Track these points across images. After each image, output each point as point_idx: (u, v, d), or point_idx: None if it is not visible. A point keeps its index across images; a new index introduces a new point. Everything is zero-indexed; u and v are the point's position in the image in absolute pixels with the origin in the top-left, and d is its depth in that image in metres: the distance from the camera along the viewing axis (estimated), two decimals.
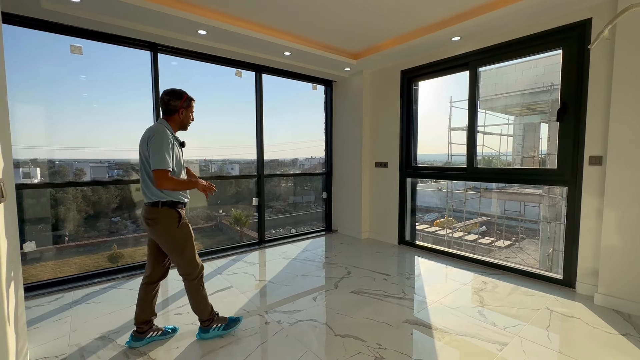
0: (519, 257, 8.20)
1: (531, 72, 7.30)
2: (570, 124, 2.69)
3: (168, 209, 1.85)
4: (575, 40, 2.62)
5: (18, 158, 3.17)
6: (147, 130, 1.85)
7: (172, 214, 1.86)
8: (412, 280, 3.00)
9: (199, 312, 2.02)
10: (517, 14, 2.68)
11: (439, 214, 11.41)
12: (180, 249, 1.90)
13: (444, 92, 9.31)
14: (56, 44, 2.89)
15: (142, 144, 1.82)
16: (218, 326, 2.04)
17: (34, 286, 2.75)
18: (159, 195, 1.82)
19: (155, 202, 1.83)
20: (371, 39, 3.49)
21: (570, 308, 2.42)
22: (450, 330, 2.13)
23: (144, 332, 1.96)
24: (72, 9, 2.51)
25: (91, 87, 3.37)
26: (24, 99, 3.00)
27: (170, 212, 1.85)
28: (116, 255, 4.01)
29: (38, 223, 3.24)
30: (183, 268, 1.94)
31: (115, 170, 4.02)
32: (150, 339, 1.99)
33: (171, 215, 1.85)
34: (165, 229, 1.85)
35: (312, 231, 4.89)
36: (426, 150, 8.34)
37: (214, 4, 2.71)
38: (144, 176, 1.84)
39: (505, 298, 2.60)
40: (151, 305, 2.00)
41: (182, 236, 1.90)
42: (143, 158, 1.82)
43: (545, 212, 7.19)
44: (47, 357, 1.83)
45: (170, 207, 1.85)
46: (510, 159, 8.54)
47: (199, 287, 2.00)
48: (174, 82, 3.49)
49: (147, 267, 2.00)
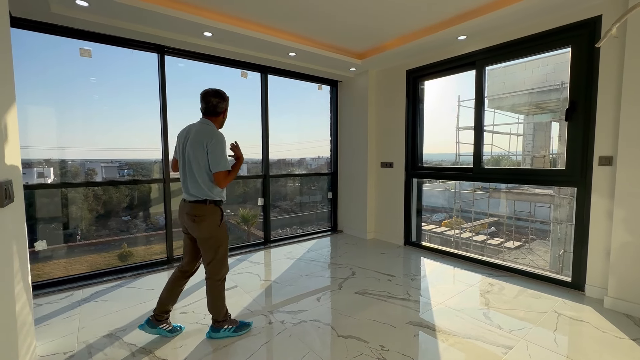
0: (528, 259, 8.06)
1: (541, 70, 7.17)
2: (580, 123, 2.64)
3: (214, 206, 1.96)
4: (584, 38, 2.56)
5: (32, 158, 3.27)
6: (199, 133, 1.91)
7: (217, 211, 1.97)
8: (417, 282, 2.98)
9: (215, 312, 2.06)
10: (524, 11, 2.63)
11: (447, 214, 11.30)
12: (215, 247, 1.99)
13: (452, 90, 9.20)
14: (66, 47, 2.95)
15: (195, 145, 1.89)
16: (229, 327, 2.07)
17: (45, 284, 2.82)
18: (208, 194, 1.93)
19: (203, 200, 1.93)
20: (376, 38, 3.48)
21: (578, 311, 2.37)
22: (455, 332, 2.11)
23: (161, 320, 2.05)
24: (81, 13, 2.56)
25: (101, 88, 3.44)
26: (36, 100, 3.08)
27: (216, 209, 1.97)
28: (126, 254, 4.08)
29: (51, 222, 3.33)
30: (212, 266, 2.01)
31: (126, 170, 4.10)
32: (161, 331, 2.04)
33: (216, 213, 1.97)
34: (209, 226, 1.95)
35: (318, 231, 4.90)
36: (434, 150, 8.27)
37: (219, 6, 2.73)
38: (193, 175, 1.92)
39: (512, 300, 2.56)
40: (176, 295, 2.11)
41: (221, 235, 2.00)
42: (193, 158, 1.90)
43: (556, 212, 7.05)
44: (56, 354, 1.88)
45: (215, 205, 1.97)
46: (520, 159, 8.39)
47: (221, 288, 2.06)
48: (180, 83, 3.54)
49: (184, 260, 2.12)
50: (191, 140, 1.92)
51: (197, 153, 1.89)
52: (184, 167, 1.96)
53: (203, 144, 1.88)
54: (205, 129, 1.94)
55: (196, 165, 1.90)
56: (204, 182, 1.91)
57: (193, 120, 2.07)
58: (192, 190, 1.93)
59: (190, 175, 1.93)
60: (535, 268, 6.49)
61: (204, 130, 1.93)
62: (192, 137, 1.92)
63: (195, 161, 1.90)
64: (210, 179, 1.93)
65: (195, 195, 1.93)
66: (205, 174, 1.91)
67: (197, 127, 1.96)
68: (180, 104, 3.50)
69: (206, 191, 1.92)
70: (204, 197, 1.92)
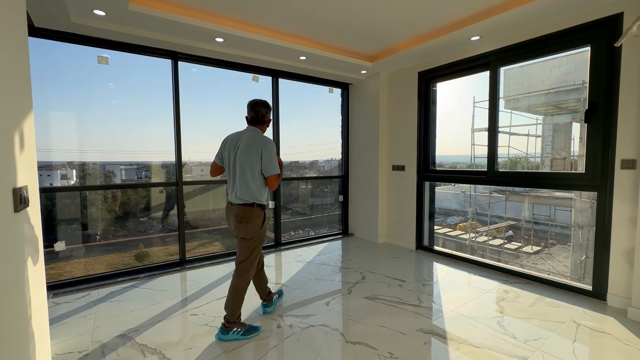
0: (548, 264, 7.78)
1: (560, 69, 6.93)
2: (600, 125, 2.53)
3: (259, 210, 2.11)
4: (604, 36, 2.46)
5: (56, 161, 3.42)
6: (252, 140, 2.07)
7: (261, 214, 2.12)
8: (429, 287, 2.92)
9: (231, 311, 2.10)
10: (540, 10, 2.55)
11: (462, 218, 11.06)
12: (252, 248, 2.12)
13: (468, 91, 9.02)
14: (85, 54, 3.07)
15: (250, 152, 2.04)
16: (238, 330, 2.10)
17: (64, 284, 2.93)
18: (257, 198, 2.08)
19: (251, 203, 2.07)
20: (387, 40, 3.45)
21: (600, 322, 2.26)
22: (467, 341, 2.05)
23: (270, 299, 2.40)
24: (99, 22, 2.65)
25: (119, 94, 3.56)
26: (59, 106, 3.22)
27: (260, 212, 2.12)
28: (142, 254, 4.19)
29: (72, 223, 3.46)
30: (243, 265, 2.12)
31: (144, 172, 4.21)
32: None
33: (260, 216, 2.12)
34: (253, 227, 2.09)
35: (329, 234, 4.88)
36: (448, 152, 8.12)
37: (230, 12, 2.77)
38: (245, 180, 2.05)
39: (528, 309, 2.47)
40: (264, 282, 2.41)
41: (260, 237, 2.15)
42: (246, 164, 2.04)
43: (577, 216, 6.78)
44: (71, 353, 1.94)
45: (261, 209, 2.12)
46: (538, 161, 8.13)
47: (245, 288, 2.17)
48: (193, 88, 3.61)
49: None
50: (244, 147, 2.06)
51: (251, 159, 2.03)
52: (234, 173, 2.09)
53: (258, 150, 2.03)
54: (258, 136, 2.10)
55: (249, 171, 2.04)
56: (256, 186, 2.06)
57: (205, 124, 2.15)
58: (242, 194, 2.06)
59: (242, 180, 2.06)
60: (555, 275, 6.26)
61: (257, 137, 2.09)
62: (244, 144, 2.06)
63: (249, 166, 2.04)
64: (263, 182, 2.09)
65: (244, 199, 2.06)
66: (258, 178, 2.06)
67: (248, 135, 2.10)
68: (193, 108, 3.58)
69: (256, 194, 2.06)
70: (252, 200, 2.06)
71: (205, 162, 4.66)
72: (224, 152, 2.18)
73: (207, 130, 4.26)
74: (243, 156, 2.05)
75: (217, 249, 4.62)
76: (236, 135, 2.16)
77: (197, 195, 4.50)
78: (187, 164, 4.44)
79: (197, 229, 4.60)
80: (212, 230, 4.85)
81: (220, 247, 4.66)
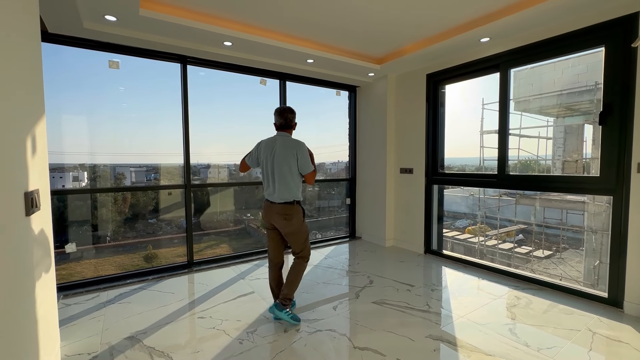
0: (560, 269, 7.61)
1: (572, 70, 6.80)
2: (616, 127, 2.46)
3: (298, 206, 2.34)
4: (619, 37, 2.40)
5: (68, 163, 3.49)
6: (287, 144, 2.29)
7: (300, 209, 2.36)
8: (438, 292, 2.88)
9: (289, 290, 2.35)
10: (552, 11, 2.50)
11: (471, 221, 10.90)
12: (304, 237, 2.40)
13: (476, 93, 8.91)
14: (96, 59, 3.12)
15: (286, 155, 2.26)
16: (288, 312, 2.31)
17: (74, 285, 2.96)
18: (296, 196, 2.31)
19: (291, 201, 2.29)
20: (395, 43, 3.43)
21: (616, 330, 2.19)
22: (477, 348, 2.01)
23: (285, 305, 2.35)
24: (110, 27, 2.70)
25: (129, 97, 3.61)
26: (71, 109, 3.29)
27: (299, 208, 2.36)
28: (151, 256, 4.23)
29: (83, 224, 3.51)
30: (304, 252, 2.42)
31: (153, 174, 4.26)
32: (288, 314, 2.30)
33: (300, 211, 2.36)
34: (297, 222, 2.33)
35: (336, 237, 4.86)
36: (457, 154, 8.02)
37: (238, 16, 2.79)
38: (284, 180, 2.27)
39: (541, 316, 2.41)
40: (282, 283, 2.49)
41: (305, 228, 2.43)
42: (285, 166, 2.26)
43: (590, 220, 6.62)
44: (81, 354, 1.95)
45: (299, 205, 2.35)
46: (549, 163, 7.97)
47: (304, 270, 2.45)
48: (202, 91, 3.65)
49: (273, 254, 2.48)
50: (280, 151, 2.27)
51: (289, 161, 2.26)
52: (272, 175, 2.29)
53: (293, 153, 2.27)
54: (291, 140, 2.34)
55: (288, 172, 2.26)
56: (295, 185, 2.30)
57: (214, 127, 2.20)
58: (282, 194, 2.28)
59: (281, 181, 2.27)
60: (567, 280, 6.11)
61: (290, 141, 2.32)
62: (280, 149, 2.28)
63: (288, 168, 2.26)
64: (300, 181, 2.34)
65: (286, 198, 2.28)
66: (296, 178, 2.30)
67: (282, 140, 2.32)
68: (201, 110, 3.61)
69: (295, 193, 2.30)
70: (292, 198, 2.29)
71: (214, 165, 4.70)
72: (259, 155, 2.37)
73: (216, 133, 4.29)
74: (281, 160, 2.26)
75: (225, 251, 4.64)
76: (270, 141, 2.35)
77: (204, 197, 4.53)
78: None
79: (210, 230, 4.63)
80: (220, 233, 4.87)
81: (227, 250, 4.68)
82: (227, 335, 2.16)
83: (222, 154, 4.60)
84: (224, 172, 4.87)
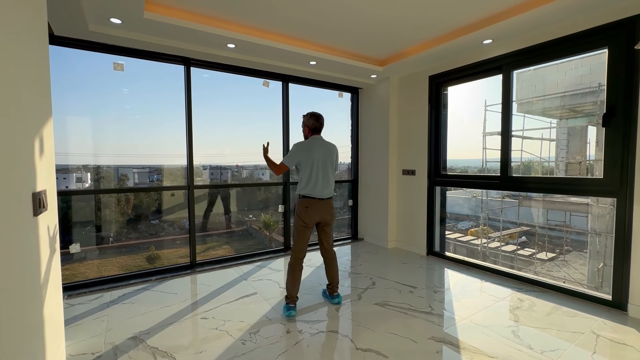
0: (564, 271, 7.56)
1: (575, 72, 6.78)
2: (619, 129, 2.46)
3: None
4: (622, 38, 2.40)
5: (72, 164, 3.51)
6: (329, 147, 2.62)
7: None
8: (440, 294, 2.87)
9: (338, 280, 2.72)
10: (555, 13, 2.51)
11: (474, 223, 10.86)
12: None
13: (479, 94, 8.88)
14: (101, 61, 3.16)
15: (331, 157, 2.61)
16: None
17: (78, 285, 2.98)
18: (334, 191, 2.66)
19: (331, 196, 2.62)
20: (398, 45, 3.44)
21: (620, 333, 2.18)
22: (480, 350, 2.00)
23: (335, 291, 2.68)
24: (115, 30, 2.72)
25: (133, 99, 3.64)
26: (76, 111, 3.32)
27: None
28: (153, 256, 4.25)
29: (86, 225, 3.54)
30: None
31: (155, 175, 4.29)
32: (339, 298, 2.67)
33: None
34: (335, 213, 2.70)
35: (338, 239, 4.86)
36: (460, 156, 8.00)
37: (242, 19, 2.81)
38: (329, 179, 2.58)
39: (544, 318, 2.40)
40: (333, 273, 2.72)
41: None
42: (330, 166, 2.59)
43: (594, 223, 6.58)
44: (85, 354, 1.97)
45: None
46: (552, 165, 7.94)
47: None
48: (206, 93, 3.67)
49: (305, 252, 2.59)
50: (325, 153, 2.56)
51: (334, 161, 2.63)
52: (318, 174, 2.52)
53: (335, 154, 2.65)
54: (330, 143, 2.65)
55: (331, 171, 2.61)
56: (333, 182, 2.63)
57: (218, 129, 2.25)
58: (329, 190, 2.59)
59: (327, 180, 2.56)
60: (570, 282, 6.07)
61: (329, 143, 2.65)
62: (324, 150, 2.56)
63: (332, 168, 2.61)
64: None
65: (330, 194, 2.60)
66: (334, 175, 2.65)
67: (321, 143, 2.60)
68: (204, 112, 3.63)
69: (333, 189, 2.64)
70: (333, 194, 2.63)
71: (216, 166, 4.72)
72: (301, 158, 2.52)
73: (218, 134, 4.31)
74: (326, 160, 2.55)
75: (227, 252, 4.64)
76: (310, 143, 2.57)
77: (207, 198, 4.55)
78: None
79: (208, 231, 4.64)
80: (222, 234, 4.88)
81: (229, 251, 4.69)
82: (230, 336, 2.17)
83: (227, 155, 4.63)
84: (227, 173, 4.90)
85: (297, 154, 2.54)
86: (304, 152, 2.53)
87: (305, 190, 2.51)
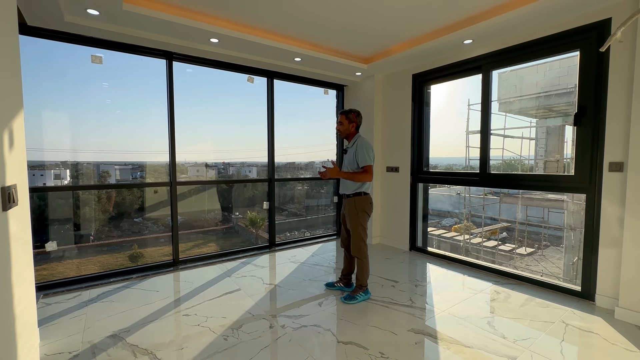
0: (541, 266, 7.85)
1: (553, 72, 7.02)
2: (589, 128, 2.57)
3: None
4: (593, 41, 2.50)
5: (49, 160, 3.39)
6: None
7: None
8: (422, 288, 2.94)
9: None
10: (530, 15, 2.59)
11: (457, 219, 11.12)
12: None
13: (463, 93, 9.08)
14: (79, 54, 3.06)
15: None
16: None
17: (55, 284, 2.90)
18: None
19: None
20: (382, 43, 3.48)
21: (588, 322, 2.30)
22: (457, 340, 2.07)
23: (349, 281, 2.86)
24: (93, 22, 2.65)
25: (113, 93, 3.54)
26: (52, 105, 3.20)
27: None
28: (136, 255, 4.16)
29: (64, 223, 3.43)
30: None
31: (139, 172, 4.19)
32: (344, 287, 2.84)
33: None
34: None
35: (323, 235, 4.89)
36: (445, 154, 8.17)
37: (225, 12, 2.78)
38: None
39: (518, 309, 2.50)
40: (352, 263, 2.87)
41: None
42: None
43: (569, 219, 6.86)
44: (61, 353, 1.92)
45: None
46: (532, 163, 8.21)
47: None
48: (189, 88, 3.61)
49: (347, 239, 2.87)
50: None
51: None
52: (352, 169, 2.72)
53: None
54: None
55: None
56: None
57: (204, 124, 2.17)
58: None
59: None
60: (546, 276, 6.31)
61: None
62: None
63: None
64: None
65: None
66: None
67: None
68: (187, 107, 3.57)
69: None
70: None
71: (202, 163, 4.66)
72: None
73: (201, 131, 4.25)
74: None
75: (213, 249, 4.61)
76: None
77: (191, 195, 4.49)
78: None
79: (193, 229, 4.59)
80: (208, 231, 4.83)
81: (215, 248, 4.65)
82: (212, 332, 2.16)
83: (211, 152, 4.57)
84: (213, 171, 4.84)
85: (373, 150, 2.72)
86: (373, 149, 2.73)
87: (368, 187, 2.79)
